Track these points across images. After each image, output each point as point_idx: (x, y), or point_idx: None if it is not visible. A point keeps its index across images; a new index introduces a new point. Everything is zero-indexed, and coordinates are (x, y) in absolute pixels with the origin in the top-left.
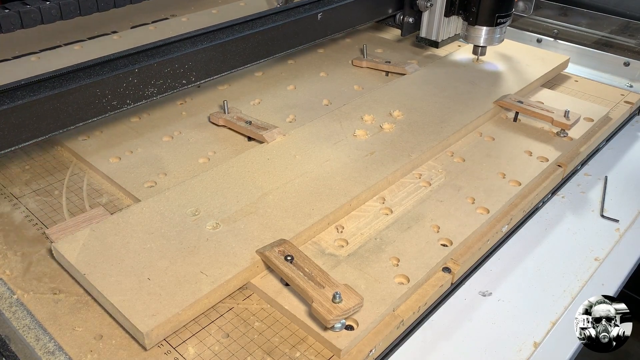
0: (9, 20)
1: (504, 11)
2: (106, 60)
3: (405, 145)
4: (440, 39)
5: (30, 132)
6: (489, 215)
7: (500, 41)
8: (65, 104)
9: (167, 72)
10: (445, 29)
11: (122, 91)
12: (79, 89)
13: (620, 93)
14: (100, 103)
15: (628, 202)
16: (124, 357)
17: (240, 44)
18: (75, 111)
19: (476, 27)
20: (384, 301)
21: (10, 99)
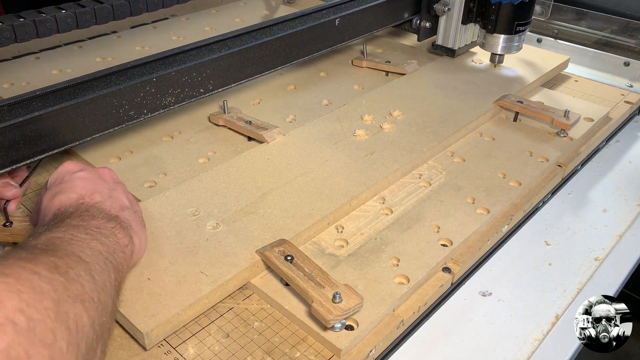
0: (24, 29)
1: (523, 19)
2: (123, 69)
3: (405, 145)
4: (457, 46)
5: (46, 144)
6: (489, 215)
7: (518, 49)
8: (81, 115)
9: (184, 81)
10: (462, 37)
11: (139, 101)
12: (96, 100)
13: (620, 93)
14: (118, 113)
15: (628, 202)
16: (124, 357)
17: (258, 51)
18: (91, 122)
19: (494, 35)
20: (384, 301)
21: (26, 110)
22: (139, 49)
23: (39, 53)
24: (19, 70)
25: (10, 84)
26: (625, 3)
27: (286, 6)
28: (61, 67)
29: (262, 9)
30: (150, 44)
